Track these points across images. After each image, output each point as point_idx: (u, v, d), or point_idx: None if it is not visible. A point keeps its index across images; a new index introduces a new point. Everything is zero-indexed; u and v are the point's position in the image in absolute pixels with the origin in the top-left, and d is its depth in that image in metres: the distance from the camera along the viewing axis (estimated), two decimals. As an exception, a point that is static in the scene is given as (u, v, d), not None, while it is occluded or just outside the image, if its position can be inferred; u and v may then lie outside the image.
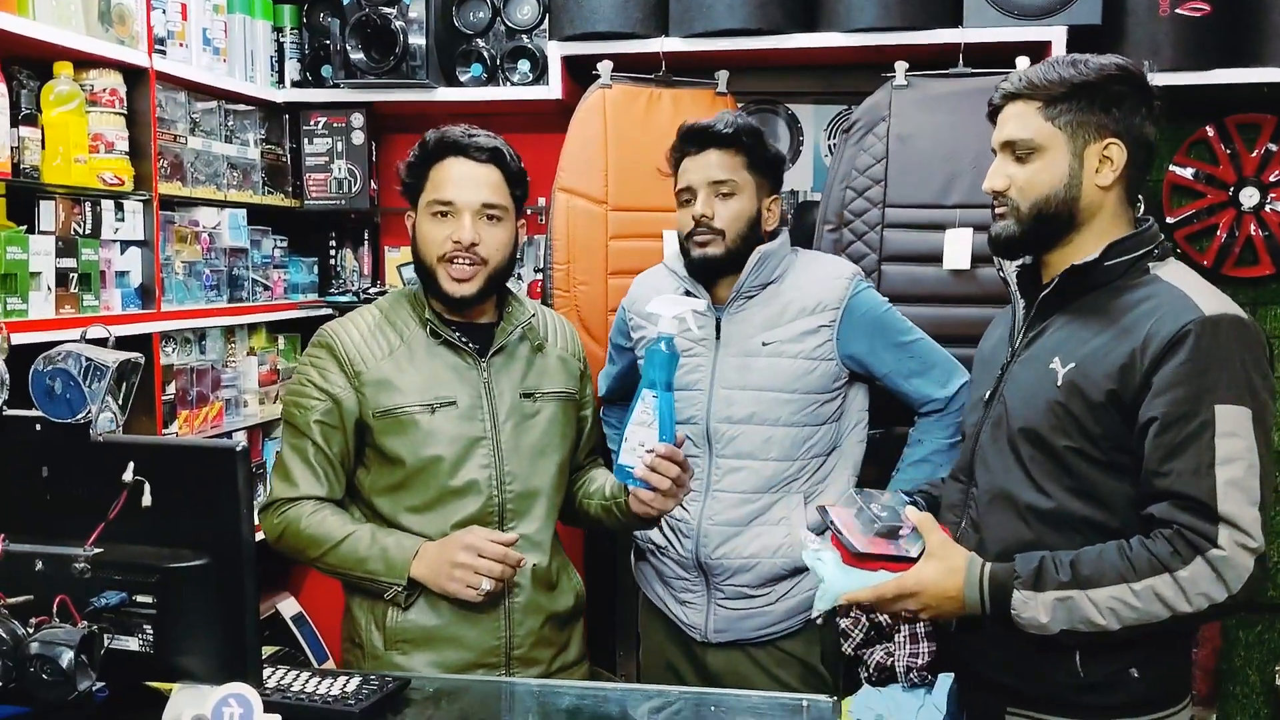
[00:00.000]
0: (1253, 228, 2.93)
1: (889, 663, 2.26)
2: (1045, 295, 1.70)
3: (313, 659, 3.16)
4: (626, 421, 1.85)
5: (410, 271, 3.24)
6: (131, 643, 1.41)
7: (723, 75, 2.84)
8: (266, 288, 3.02)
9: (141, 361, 1.51)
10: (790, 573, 2.18)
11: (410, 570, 1.86)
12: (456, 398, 1.93)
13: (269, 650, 3.01)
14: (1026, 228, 1.68)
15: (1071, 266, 1.65)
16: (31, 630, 1.34)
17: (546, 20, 2.95)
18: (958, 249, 2.60)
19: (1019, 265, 1.79)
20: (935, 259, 2.62)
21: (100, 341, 1.50)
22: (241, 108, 2.91)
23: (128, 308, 2.44)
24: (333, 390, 1.92)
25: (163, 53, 2.55)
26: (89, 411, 1.40)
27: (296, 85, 3.10)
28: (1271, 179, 2.91)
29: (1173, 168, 2.97)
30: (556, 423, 2.01)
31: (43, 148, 2.20)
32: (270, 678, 1.63)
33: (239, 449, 1.40)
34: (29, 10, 2.14)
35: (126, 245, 2.45)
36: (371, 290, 3.20)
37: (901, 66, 2.67)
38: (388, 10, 2.84)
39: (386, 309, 2.01)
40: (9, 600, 1.37)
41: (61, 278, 2.21)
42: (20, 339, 1.98)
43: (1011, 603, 1.58)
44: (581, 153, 2.78)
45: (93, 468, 1.42)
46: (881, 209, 2.66)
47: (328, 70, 3.06)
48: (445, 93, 2.97)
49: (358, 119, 3.07)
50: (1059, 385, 1.62)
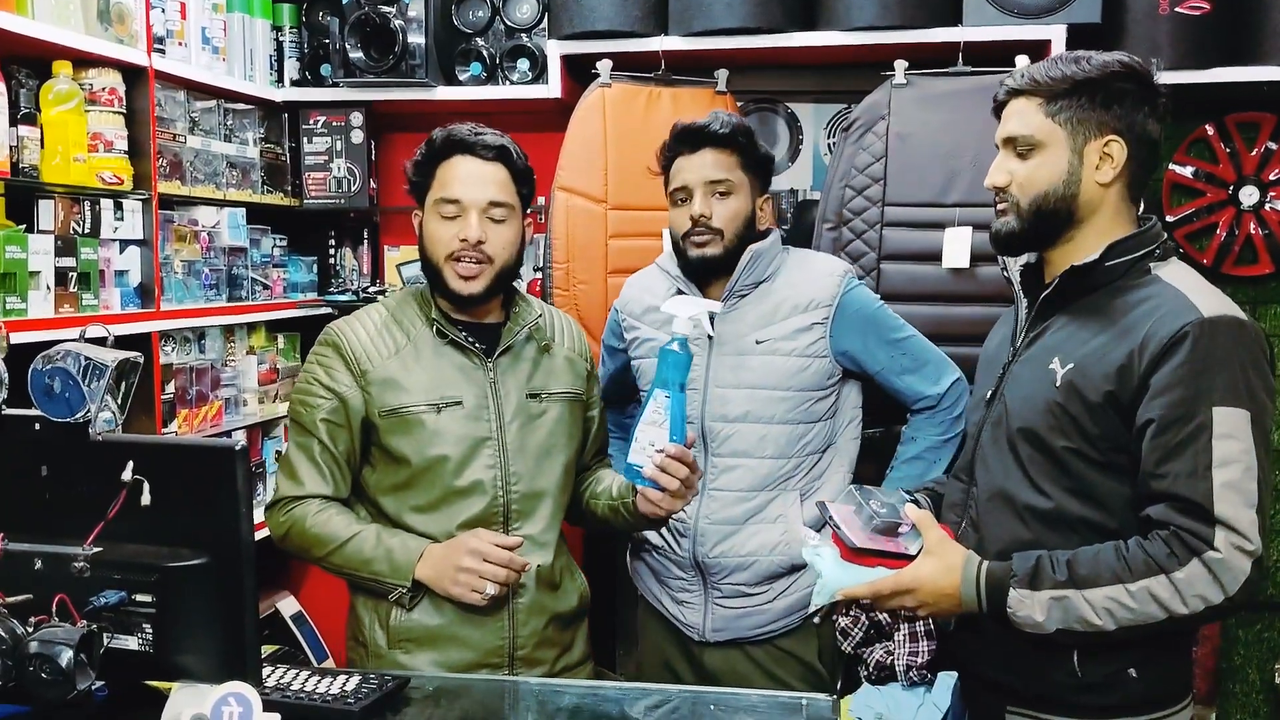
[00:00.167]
0: (1252, 226, 2.93)
1: (889, 661, 2.26)
2: (1046, 295, 1.70)
3: (312, 658, 3.16)
4: (637, 420, 1.84)
5: (410, 270, 3.26)
6: (131, 642, 1.41)
7: (722, 74, 2.84)
8: (266, 287, 3.01)
9: (141, 361, 1.51)
10: (787, 570, 2.18)
11: (415, 572, 1.85)
12: (462, 397, 1.92)
13: (268, 649, 3.01)
14: (1026, 224, 1.68)
15: (1072, 267, 1.65)
16: (31, 629, 1.34)
17: (546, 19, 2.95)
18: (957, 248, 2.60)
19: (1023, 264, 1.79)
20: (934, 258, 2.62)
21: (99, 341, 1.49)
22: (241, 107, 2.91)
23: (127, 307, 2.44)
24: (339, 389, 1.92)
25: (162, 52, 2.55)
26: (88, 410, 1.40)
27: (296, 84, 3.10)
28: (1271, 178, 2.92)
29: (1172, 166, 2.97)
30: (563, 423, 2.01)
31: (42, 147, 2.20)
32: (270, 677, 1.63)
33: (238, 448, 1.40)
34: (28, 9, 2.14)
35: (126, 244, 2.45)
36: (371, 289, 3.20)
37: (901, 65, 2.67)
38: (387, 9, 2.84)
39: (393, 308, 2.00)
40: (8, 599, 1.37)
41: (61, 277, 2.21)
42: (19, 338, 1.98)
43: (1007, 601, 1.58)
44: (581, 152, 2.78)
45: (92, 467, 1.41)
46: (881, 207, 2.65)
47: (327, 69, 3.06)
48: (444, 92, 2.97)
49: (357, 118, 3.07)
50: (1058, 386, 1.62)
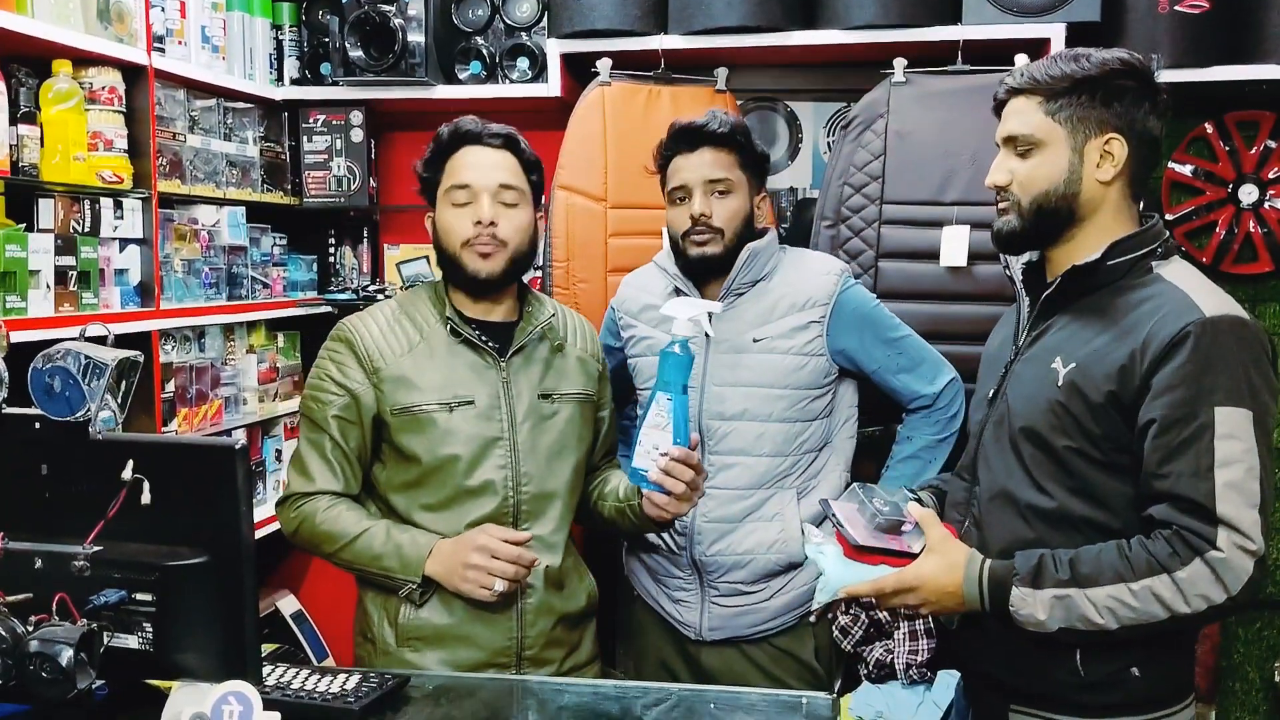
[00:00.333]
0: (1251, 225, 2.93)
1: (889, 660, 2.26)
2: (1048, 294, 1.70)
3: (312, 657, 3.16)
4: (640, 424, 1.84)
5: (410, 269, 3.26)
6: (131, 641, 1.41)
7: (722, 73, 2.84)
8: (265, 285, 3.01)
9: (141, 359, 1.51)
10: (784, 569, 2.18)
11: (425, 568, 1.86)
12: (475, 397, 1.92)
13: (268, 648, 3.01)
14: (1027, 223, 1.67)
15: (1074, 267, 1.65)
16: (31, 628, 1.34)
17: (545, 18, 2.95)
18: (954, 246, 2.59)
19: (1025, 263, 1.79)
20: (932, 256, 2.61)
21: (99, 339, 1.49)
22: (240, 105, 2.91)
23: (127, 306, 2.44)
24: (351, 385, 1.92)
25: (161, 50, 2.55)
26: (88, 409, 1.40)
27: (295, 83, 3.10)
28: (1270, 176, 2.91)
29: (1172, 164, 2.97)
30: (574, 424, 2.01)
31: (41, 146, 2.20)
32: (270, 675, 1.63)
33: (238, 447, 1.40)
34: (28, 8, 2.14)
35: (125, 243, 2.45)
36: (370, 288, 3.20)
37: (900, 63, 2.67)
38: (386, 8, 2.84)
39: (407, 305, 2.00)
40: (8, 598, 1.37)
41: (60, 276, 2.21)
42: (19, 337, 1.98)
43: (1010, 599, 1.58)
44: (581, 150, 2.78)
45: (92, 466, 1.42)
46: (879, 205, 2.65)
47: (326, 68, 3.06)
48: (444, 90, 2.97)
49: (357, 117, 3.07)
50: (1060, 385, 1.61)
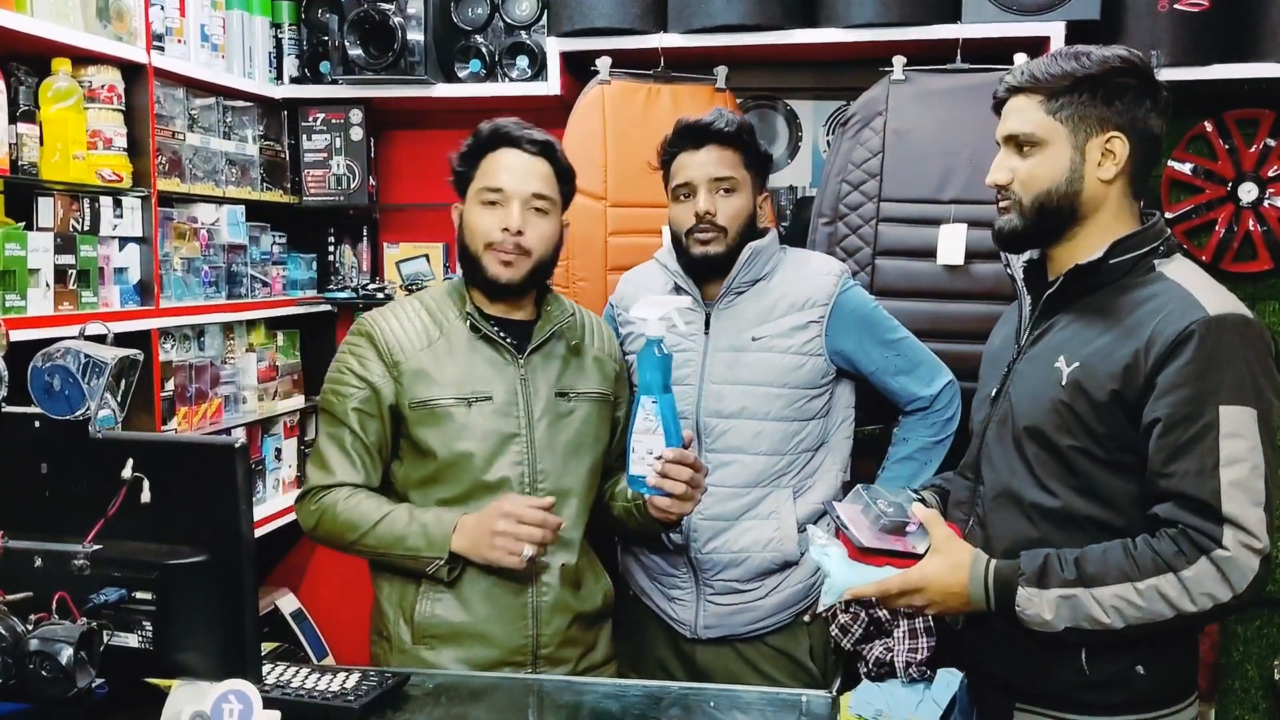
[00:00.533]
0: (1251, 223, 2.93)
1: (888, 658, 2.26)
2: (1050, 293, 1.69)
3: (312, 655, 3.16)
4: (630, 432, 1.84)
5: (409, 268, 3.26)
6: (131, 639, 1.41)
7: (721, 71, 2.84)
8: (265, 284, 3.01)
9: (140, 358, 1.51)
10: (780, 567, 2.18)
11: (451, 544, 1.85)
12: (493, 393, 1.93)
13: (268, 646, 3.01)
14: (1029, 222, 1.67)
15: (1076, 266, 1.64)
16: (31, 627, 1.34)
17: (545, 16, 2.95)
18: (952, 244, 2.59)
19: (1025, 261, 1.78)
20: (930, 254, 2.61)
21: (99, 338, 1.49)
22: (240, 104, 2.91)
23: (126, 304, 2.44)
24: (371, 378, 1.93)
25: (161, 49, 2.55)
26: (88, 408, 1.40)
27: (295, 81, 3.10)
28: (1270, 174, 2.91)
29: (1171, 163, 2.97)
30: (590, 423, 2.01)
31: (41, 144, 2.20)
32: (270, 674, 1.63)
33: (238, 445, 1.40)
34: (27, 7, 2.14)
35: (125, 242, 2.45)
36: (370, 286, 3.20)
37: (899, 61, 2.67)
38: (386, 6, 2.84)
39: (428, 301, 2.01)
40: (8, 597, 1.38)
41: (60, 274, 2.21)
42: (19, 336, 1.98)
43: (1016, 599, 1.58)
44: (580, 149, 2.77)
45: (92, 464, 1.42)
46: (876, 203, 2.65)
47: (326, 66, 3.06)
48: (444, 89, 2.97)
49: (356, 115, 3.07)
50: (1063, 384, 1.61)
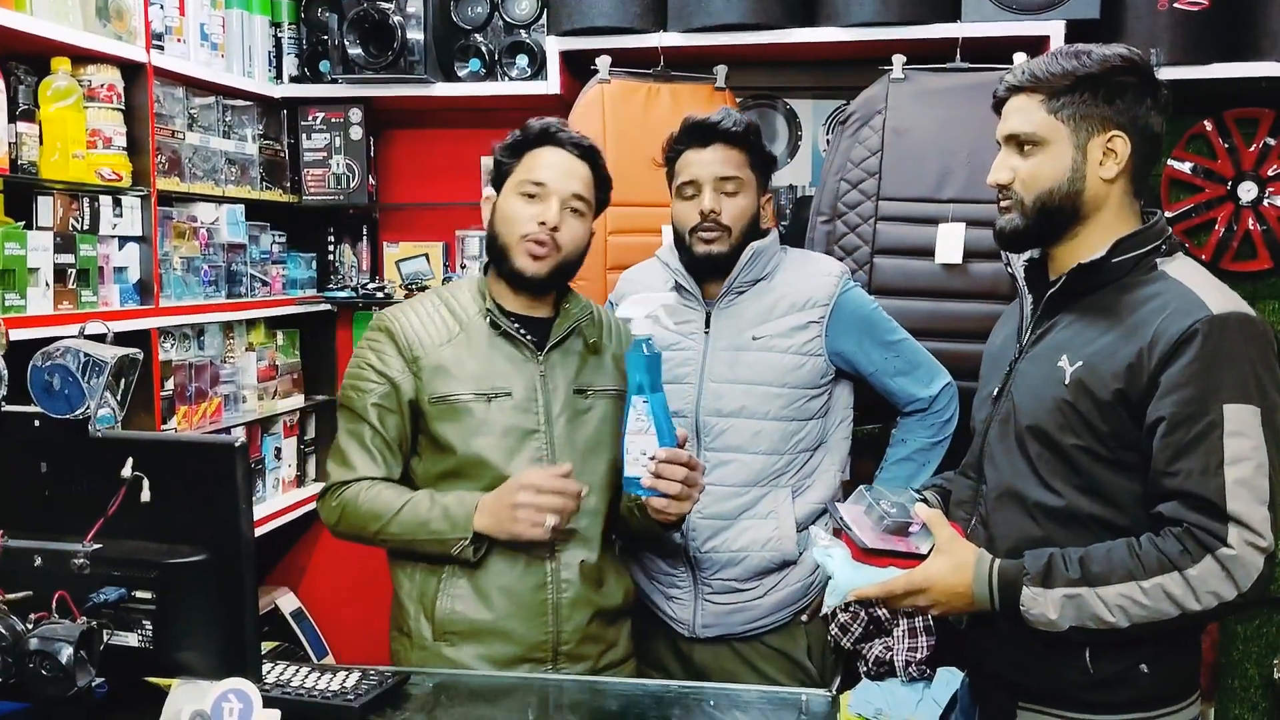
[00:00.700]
0: (1251, 222, 2.94)
1: (888, 657, 2.26)
2: (1052, 293, 1.69)
3: (312, 654, 3.16)
4: (623, 433, 1.83)
5: (409, 267, 3.26)
6: (131, 638, 1.41)
7: (721, 70, 2.84)
8: (265, 283, 3.01)
9: (140, 357, 1.51)
10: (778, 566, 2.18)
11: (474, 523, 1.85)
12: (512, 389, 1.93)
13: (268, 646, 3.01)
14: (1031, 221, 1.66)
15: (1078, 265, 1.64)
16: (31, 626, 1.34)
17: (545, 15, 2.95)
18: (950, 243, 2.60)
19: (1026, 261, 1.78)
20: (928, 252, 2.62)
21: (99, 337, 1.49)
22: (239, 103, 2.91)
23: (126, 303, 2.44)
24: (391, 373, 1.93)
25: (160, 48, 2.55)
26: (88, 407, 1.40)
27: (294, 81, 3.10)
28: (1269, 173, 2.92)
29: (1171, 162, 2.97)
30: (608, 421, 2.01)
31: (40, 143, 2.20)
32: (269, 673, 1.63)
33: (238, 444, 1.40)
34: (26, 6, 2.14)
35: (125, 241, 2.45)
36: (370, 285, 3.20)
37: (899, 59, 2.67)
38: (386, 5, 2.84)
39: (448, 296, 2.02)
40: (8, 596, 1.38)
41: (60, 273, 2.21)
42: (19, 335, 1.98)
43: (1020, 599, 1.57)
44: (580, 148, 2.78)
45: (91, 463, 1.42)
46: (875, 202, 2.65)
47: (325, 66, 3.06)
48: (443, 88, 2.97)
49: (356, 114, 3.07)
50: (1066, 384, 1.61)
